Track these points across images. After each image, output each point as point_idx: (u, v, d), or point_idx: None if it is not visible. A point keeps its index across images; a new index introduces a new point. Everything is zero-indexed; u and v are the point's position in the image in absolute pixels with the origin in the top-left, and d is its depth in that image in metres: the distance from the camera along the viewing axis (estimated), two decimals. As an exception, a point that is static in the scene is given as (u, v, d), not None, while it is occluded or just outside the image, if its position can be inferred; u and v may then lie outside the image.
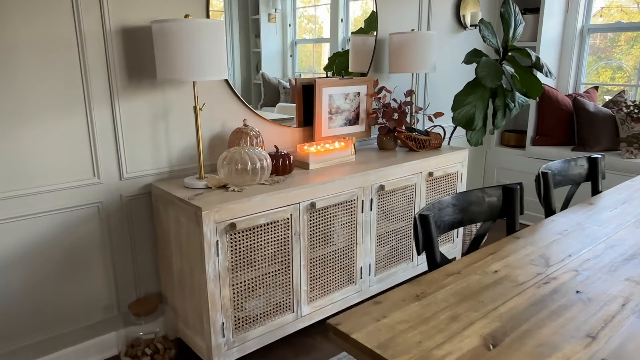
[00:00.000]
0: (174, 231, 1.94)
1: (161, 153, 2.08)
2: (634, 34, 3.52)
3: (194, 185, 1.96)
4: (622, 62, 3.58)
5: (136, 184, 2.04)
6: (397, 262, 2.55)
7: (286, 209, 1.97)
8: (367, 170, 2.26)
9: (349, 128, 2.68)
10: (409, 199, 2.51)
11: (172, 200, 1.90)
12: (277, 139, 2.47)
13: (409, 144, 2.67)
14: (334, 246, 2.21)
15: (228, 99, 2.25)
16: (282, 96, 2.65)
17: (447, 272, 1.18)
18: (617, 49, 3.61)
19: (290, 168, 2.18)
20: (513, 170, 3.69)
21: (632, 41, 3.54)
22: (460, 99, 2.61)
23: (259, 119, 2.38)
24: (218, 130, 2.24)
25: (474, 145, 2.76)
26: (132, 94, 1.96)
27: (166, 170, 2.11)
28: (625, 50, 3.57)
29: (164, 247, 2.06)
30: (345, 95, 2.61)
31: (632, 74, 3.57)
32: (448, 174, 2.69)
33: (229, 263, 1.84)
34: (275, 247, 1.98)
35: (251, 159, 1.94)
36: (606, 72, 3.67)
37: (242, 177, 1.94)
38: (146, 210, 2.09)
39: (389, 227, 2.44)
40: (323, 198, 2.09)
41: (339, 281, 2.28)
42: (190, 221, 1.80)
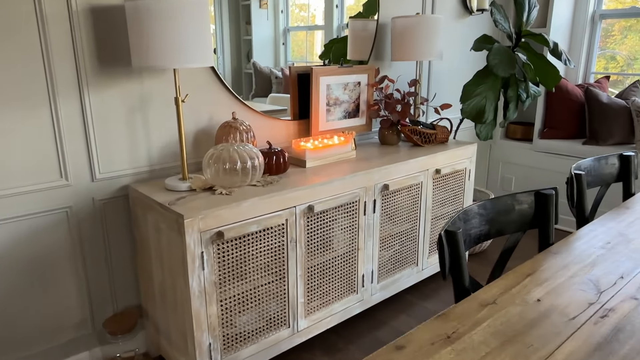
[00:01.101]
0: (154, 239, 1.72)
1: (139, 150, 1.85)
2: (627, 22, 3.33)
3: (176, 187, 1.73)
4: (617, 52, 3.40)
5: (111, 186, 1.80)
6: (402, 268, 2.35)
7: (281, 213, 1.74)
8: (370, 168, 2.04)
9: (348, 121, 2.45)
10: (414, 199, 2.29)
11: (151, 205, 1.67)
12: (270, 134, 2.24)
13: (413, 138, 2.45)
14: (334, 253, 1.99)
15: (215, 90, 2.01)
16: (275, 86, 2.43)
17: (480, 302, 0.97)
18: (611, 39, 3.43)
19: (285, 166, 1.95)
20: (519, 165, 3.49)
21: (626, 31, 3.36)
22: (470, 89, 2.39)
23: (249, 111, 2.15)
24: (204, 125, 2.01)
25: (484, 139, 2.55)
26: (104, 83, 1.72)
27: (145, 170, 1.87)
28: (619, 40, 3.39)
29: (143, 256, 1.84)
30: (345, 85, 2.38)
31: (625, 64, 3.39)
32: (456, 171, 2.48)
33: (216, 277, 1.61)
34: (268, 257, 1.76)
35: (241, 157, 1.71)
36: (600, 62, 3.49)
37: (231, 178, 1.72)
38: (123, 215, 1.86)
39: (393, 229, 2.23)
40: (322, 200, 1.87)
41: (339, 291, 2.07)
42: (171, 229, 1.58)
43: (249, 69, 2.31)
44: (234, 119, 1.96)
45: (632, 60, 3.39)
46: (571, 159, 3.21)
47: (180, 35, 1.53)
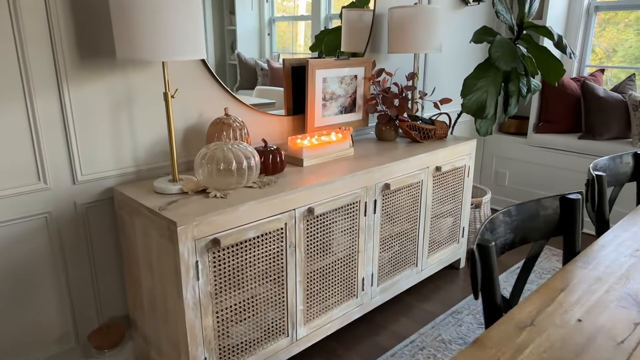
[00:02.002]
0: (142, 245, 1.59)
1: (125, 150, 1.71)
2: (606, 15, 3.30)
3: (166, 189, 1.60)
4: (596, 44, 3.37)
5: (94, 189, 1.66)
6: (401, 269, 2.26)
7: (280, 217, 1.63)
8: (371, 167, 1.93)
9: (345, 116, 2.34)
10: (414, 198, 2.20)
11: (138, 210, 1.54)
12: (263, 130, 2.12)
13: (412, 134, 2.36)
14: (333, 256, 1.89)
15: (205, 84, 1.88)
16: (260, 78, 2.31)
17: (517, 324, 0.88)
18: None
19: (282, 166, 1.84)
20: (514, 159, 3.44)
21: (604, 23, 3.32)
22: (471, 83, 2.30)
23: (241, 106, 2.02)
24: (194, 121, 1.87)
25: (483, 135, 2.47)
26: (86, 76, 1.57)
27: (132, 171, 1.74)
28: (598, 32, 3.36)
29: (130, 264, 1.70)
30: (341, 78, 2.27)
31: (604, 56, 3.36)
32: (456, 167, 2.40)
33: (211, 287, 1.50)
34: (266, 263, 1.64)
35: (236, 156, 1.59)
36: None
37: (226, 179, 1.59)
38: (108, 220, 1.72)
39: (393, 229, 2.13)
40: (322, 202, 1.76)
41: (338, 296, 1.97)
42: (162, 237, 1.45)
43: (233, 61, 2.18)
44: (226, 115, 1.83)
45: (611, 52, 3.36)
46: (567, 154, 3.16)
47: (169, 25, 1.39)
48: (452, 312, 2.24)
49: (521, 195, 3.44)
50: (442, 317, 2.21)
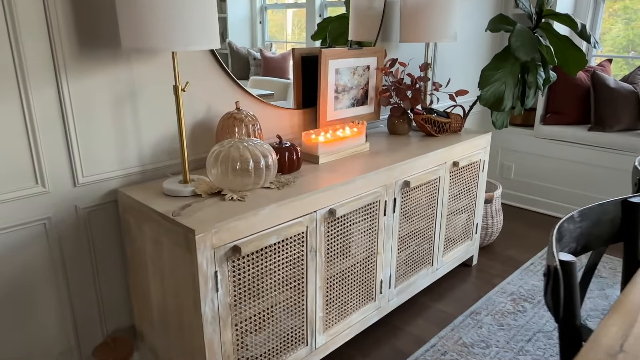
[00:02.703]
0: (152, 254, 1.45)
1: (129, 148, 1.56)
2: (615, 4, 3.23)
3: (177, 192, 1.47)
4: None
5: (97, 191, 1.52)
6: (417, 269, 2.16)
7: (301, 220, 1.51)
8: (390, 163, 1.82)
9: (357, 109, 2.22)
10: (432, 195, 2.10)
11: (148, 215, 1.40)
12: (273, 125, 1.99)
13: (427, 127, 2.25)
14: (352, 259, 1.78)
15: (214, 75, 1.74)
16: (253, 68, 2.17)
17: (606, 351, 0.78)
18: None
19: (298, 164, 1.72)
20: (520, 152, 3.36)
21: None
22: (488, 74, 2.20)
23: (250, 99, 1.89)
24: (202, 116, 1.74)
25: (499, 128, 2.38)
26: (86, 68, 1.42)
27: (137, 171, 1.60)
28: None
29: (137, 272, 1.57)
30: (354, 69, 2.14)
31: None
32: (472, 162, 2.30)
33: (230, 298, 1.37)
34: (286, 270, 1.53)
35: (253, 155, 1.46)
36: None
37: (242, 180, 1.47)
38: (112, 224, 1.58)
39: (410, 228, 2.03)
40: (343, 203, 1.65)
41: (357, 300, 1.86)
42: (176, 245, 1.32)
43: (224, 50, 2.04)
44: (237, 109, 1.70)
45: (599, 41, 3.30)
46: (576, 146, 3.10)
47: (182, 12, 1.25)
48: (470, 313, 2.16)
49: (527, 189, 3.37)
50: (460, 319, 2.12)
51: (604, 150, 2.99)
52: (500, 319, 2.12)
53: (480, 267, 2.60)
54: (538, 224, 3.15)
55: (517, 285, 2.40)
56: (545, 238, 2.93)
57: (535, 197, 3.35)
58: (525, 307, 2.21)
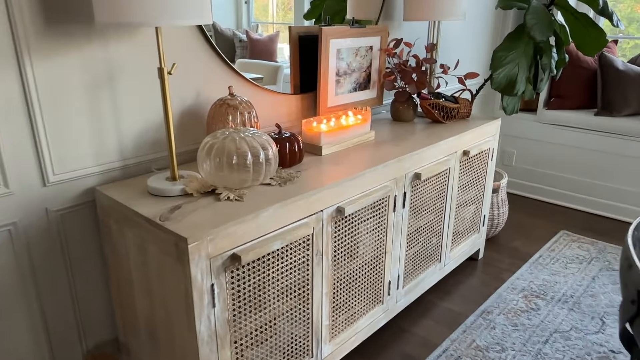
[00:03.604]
0: (137, 262, 1.27)
1: (108, 140, 1.36)
2: None
3: (164, 190, 1.28)
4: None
5: (71, 191, 1.32)
6: (426, 266, 2.01)
7: (307, 221, 1.34)
8: (400, 154, 1.65)
9: (358, 94, 2.04)
10: (442, 187, 1.94)
11: (130, 218, 1.21)
12: (268, 112, 1.80)
13: (434, 113, 2.08)
14: (359, 260, 1.62)
15: (203, 56, 1.54)
16: (239, 51, 1.98)
17: None
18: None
19: (300, 156, 1.54)
20: (522, 138, 3.22)
21: None
22: (501, 55, 2.03)
23: (244, 84, 1.69)
24: (190, 103, 1.54)
25: (509, 113, 2.23)
26: (54, 48, 1.21)
27: (117, 166, 1.40)
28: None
29: (120, 282, 1.39)
30: (356, 50, 1.95)
31: None
32: (482, 151, 2.15)
33: (229, 313, 1.20)
34: (291, 277, 1.36)
35: (251, 147, 1.28)
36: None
37: (239, 176, 1.28)
38: (89, 228, 1.39)
39: (418, 223, 1.87)
40: (352, 200, 1.47)
41: (364, 304, 1.71)
42: (165, 255, 1.14)
43: (208, 32, 1.85)
44: (231, 95, 1.51)
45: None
46: (581, 132, 2.97)
47: (167, -22, 1.05)
48: (481, 313, 2.02)
49: (530, 176, 3.24)
50: (472, 319, 1.99)
51: (611, 135, 2.86)
52: (514, 319, 1.99)
53: (486, 261, 2.46)
54: (542, 213, 3.03)
55: (527, 280, 2.27)
56: (551, 227, 2.81)
57: (538, 184, 3.22)
58: (539, 304, 2.08)
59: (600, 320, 1.97)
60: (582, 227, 2.83)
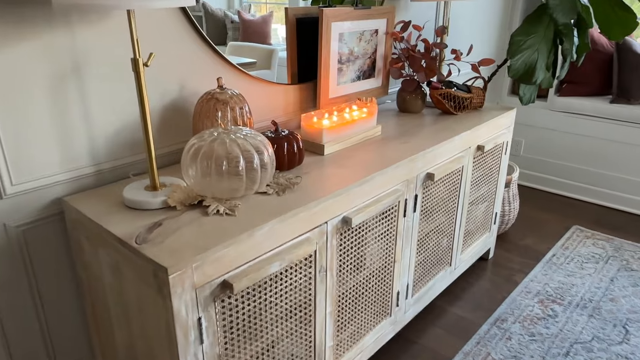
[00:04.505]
0: (112, 286, 1.09)
1: (77, 142, 1.17)
2: None
3: (142, 203, 1.09)
4: None
5: (33, 202, 1.13)
6: (436, 272, 1.85)
7: (309, 236, 1.16)
8: (411, 152, 1.47)
9: (362, 83, 1.85)
10: (454, 186, 1.77)
11: (103, 237, 1.03)
12: (262, 104, 1.60)
13: (445, 104, 1.89)
14: (365, 271, 1.45)
15: (188, 43, 1.34)
16: (230, 32, 1.79)
17: None
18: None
19: (300, 157, 1.35)
20: (531, 126, 3.05)
21: None
22: (519, 39, 1.84)
23: (235, 73, 1.50)
24: (173, 97, 1.34)
25: (526, 103, 2.05)
26: (8, 35, 1.01)
27: (89, 172, 1.21)
28: None
29: (96, 304, 1.21)
30: (361, 34, 1.75)
31: None
32: (497, 145, 1.97)
33: (220, 347, 1.03)
34: (291, 300, 1.19)
35: (244, 151, 1.09)
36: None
37: (230, 185, 1.10)
38: (58, 243, 1.20)
39: (429, 227, 1.71)
40: (360, 208, 1.30)
41: (371, 319, 1.55)
42: (144, 283, 0.96)
43: (197, 12, 1.66)
44: (220, 87, 1.31)
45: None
46: (595, 120, 2.79)
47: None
48: (495, 321, 1.87)
49: (539, 167, 3.08)
50: (485, 328, 1.83)
51: (628, 124, 2.69)
52: (530, 327, 1.84)
53: (497, 261, 2.31)
54: (552, 206, 2.87)
55: (541, 282, 2.12)
56: (562, 221, 2.66)
57: (548, 176, 3.06)
58: (556, 310, 1.94)
59: (623, 329, 1.83)
60: (596, 222, 2.68)
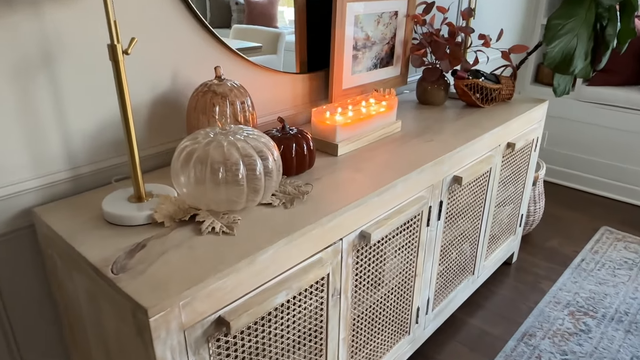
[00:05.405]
0: (90, 315, 0.93)
1: (49, 143, 1.00)
2: None
3: (124, 218, 0.92)
4: None
5: (0, 213, 0.97)
6: (458, 282, 1.68)
7: (321, 256, 0.99)
8: (437, 153, 1.29)
9: (379, 72, 1.66)
10: (481, 189, 1.59)
11: (76, 261, 0.86)
12: (266, 96, 1.42)
13: (471, 96, 1.70)
14: (383, 289, 1.28)
15: (181, 26, 1.15)
16: (235, 14, 1.60)
17: None
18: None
19: (311, 160, 1.17)
20: (556, 117, 2.84)
21: None
22: (557, 24, 1.63)
23: (236, 61, 1.31)
24: (165, 89, 1.16)
25: (560, 95, 1.85)
26: (-45, 15, 0.83)
27: (66, 177, 1.04)
28: None
29: (74, 330, 1.05)
30: (379, 16, 1.56)
31: None
32: (528, 142, 1.78)
33: (215, 393, 0.87)
34: (299, 330, 1.02)
35: (245, 156, 0.91)
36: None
37: (229, 195, 0.92)
38: (30, 258, 1.04)
39: (451, 234, 1.53)
40: (379, 220, 1.12)
41: (388, 339, 1.38)
42: (122, 321, 0.79)
43: None
44: (217, 78, 1.13)
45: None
46: (628, 112, 2.58)
47: None
48: (522, 336, 1.70)
49: (565, 162, 2.87)
50: (512, 345, 1.67)
51: (664, 117, 2.48)
52: (561, 344, 1.67)
53: (521, 265, 2.13)
54: (579, 205, 2.68)
55: (571, 291, 1.94)
56: (590, 222, 2.47)
57: (575, 171, 2.86)
58: (589, 324, 1.76)
59: (665, 347, 1.66)
60: (626, 222, 2.49)
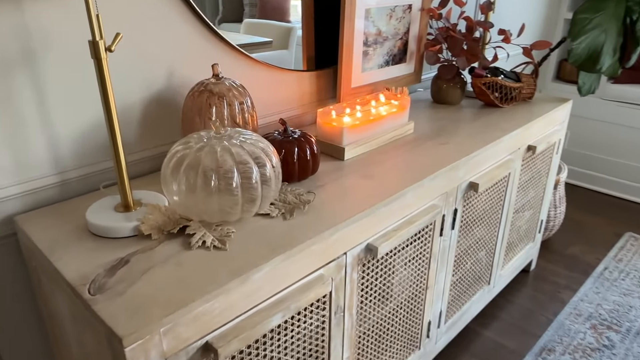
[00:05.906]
0: (73, 332, 0.86)
1: (33, 146, 0.93)
2: None
3: (109, 229, 0.85)
4: None
5: (-24, 223, 0.90)
6: (472, 293, 1.59)
7: (322, 272, 0.90)
8: (453, 157, 1.20)
9: (392, 69, 1.56)
10: (499, 195, 1.49)
11: (56, 277, 0.80)
12: (270, 95, 1.34)
13: (490, 95, 1.60)
14: (392, 303, 1.19)
15: (176, 20, 1.07)
16: (247, 9, 1.52)
17: None
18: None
19: (315, 165, 1.09)
20: (578, 116, 2.71)
21: None
22: (583, 18, 1.52)
23: (237, 57, 1.23)
24: (160, 88, 1.08)
25: (585, 94, 1.74)
26: None
27: (51, 183, 0.97)
28: None
29: (59, 344, 0.98)
30: (391, 10, 1.46)
31: None
32: (550, 144, 1.67)
33: None
34: (299, 352, 0.94)
35: (239, 162, 0.83)
36: None
37: (222, 205, 0.84)
38: (13, 268, 0.98)
39: (466, 243, 1.43)
40: (388, 231, 1.03)
41: (397, 356, 1.30)
42: (101, 346, 0.72)
43: None
44: (215, 76, 1.05)
45: None
46: (656, 112, 2.44)
47: None
48: (541, 351, 1.61)
49: (586, 163, 2.74)
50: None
51: (695, 117, 2.34)
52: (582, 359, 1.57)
53: (539, 273, 2.03)
54: (601, 208, 2.55)
55: (593, 303, 1.83)
56: (613, 227, 2.35)
57: (597, 173, 2.73)
58: (612, 339, 1.66)
59: (695, 366, 1.54)
60: (652, 228, 2.37)
